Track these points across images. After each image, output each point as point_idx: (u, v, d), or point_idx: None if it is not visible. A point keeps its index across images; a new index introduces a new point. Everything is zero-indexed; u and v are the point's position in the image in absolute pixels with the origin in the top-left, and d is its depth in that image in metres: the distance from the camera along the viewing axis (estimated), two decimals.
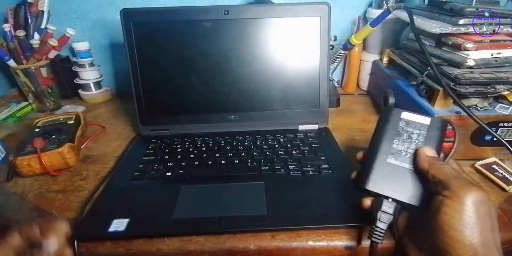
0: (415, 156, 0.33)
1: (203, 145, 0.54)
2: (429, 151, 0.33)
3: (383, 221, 0.32)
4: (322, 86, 0.57)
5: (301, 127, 0.59)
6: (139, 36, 0.54)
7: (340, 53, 0.68)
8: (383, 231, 0.32)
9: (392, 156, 0.34)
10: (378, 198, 0.33)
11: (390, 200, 0.33)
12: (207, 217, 0.38)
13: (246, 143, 0.54)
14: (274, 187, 0.43)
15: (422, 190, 0.32)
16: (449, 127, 0.36)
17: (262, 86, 0.57)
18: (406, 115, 0.36)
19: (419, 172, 0.33)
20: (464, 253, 0.26)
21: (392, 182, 0.33)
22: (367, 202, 0.34)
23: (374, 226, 0.32)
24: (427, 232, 0.29)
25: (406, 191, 0.32)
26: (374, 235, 0.32)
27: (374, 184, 0.33)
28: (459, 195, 0.27)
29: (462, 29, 0.47)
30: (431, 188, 0.31)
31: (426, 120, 0.35)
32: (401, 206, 0.33)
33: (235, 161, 0.50)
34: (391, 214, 0.32)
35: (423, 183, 0.32)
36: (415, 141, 0.34)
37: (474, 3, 0.49)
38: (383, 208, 0.32)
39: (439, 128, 0.35)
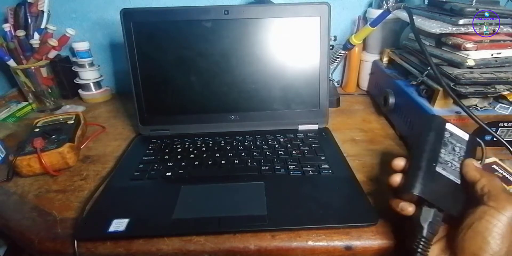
0: (462, 166, 0.34)
1: (203, 145, 0.54)
2: (476, 163, 0.35)
3: (431, 232, 0.31)
4: (322, 86, 0.57)
5: (301, 127, 0.59)
6: (139, 36, 0.54)
7: (340, 53, 0.68)
8: (430, 243, 0.31)
9: (440, 165, 0.34)
10: (426, 208, 0.32)
11: (436, 210, 0.32)
12: (207, 217, 0.38)
13: (246, 143, 0.54)
14: (274, 187, 0.43)
15: (461, 201, 0.33)
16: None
17: (262, 86, 0.57)
18: (450, 126, 0.37)
19: (466, 182, 0.33)
20: None
21: (439, 191, 0.32)
22: (410, 209, 0.33)
23: (420, 237, 0.31)
24: (458, 239, 0.30)
25: (449, 201, 0.32)
26: (420, 246, 0.31)
27: (424, 190, 0.32)
28: (505, 208, 0.29)
29: (462, 29, 0.47)
30: (476, 197, 0.32)
31: (465, 136, 0.37)
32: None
33: (235, 161, 0.49)
34: (439, 225, 0.32)
35: (464, 195, 0.33)
36: (457, 154, 0.35)
37: (474, 3, 0.49)
38: (432, 218, 0.31)
39: (473, 145, 0.37)
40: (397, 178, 0.35)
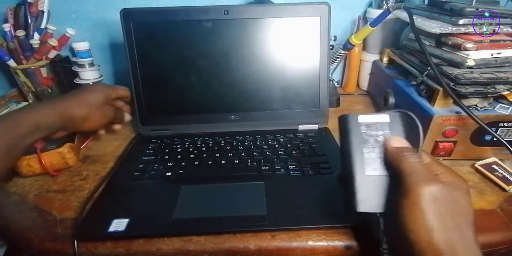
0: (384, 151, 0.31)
1: (203, 145, 0.54)
2: (394, 141, 0.31)
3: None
4: (322, 86, 0.57)
5: (301, 127, 0.59)
6: (139, 36, 0.54)
7: (340, 53, 0.68)
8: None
9: (369, 166, 0.31)
10: (375, 217, 0.31)
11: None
12: (207, 217, 0.38)
13: (246, 143, 0.54)
14: (274, 187, 0.43)
15: None
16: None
17: (262, 86, 0.57)
18: (363, 118, 0.33)
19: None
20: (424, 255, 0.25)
21: (380, 196, 0.30)
22: None
23: (382, 249, 0.30)
24: (395, 235, 0.28)
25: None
26: None
27: (365, 204, 0.30)
28: (410, 194, 0.26)
29: (462, 29, 0.47)
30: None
31: (385, 118, 0.33)
32: None
33: (235, 161, 0.49)
34: None
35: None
36: (383, 144, 0.32)
37: (474, 3, 0.49)
38: (382, 226, 0.30)
39: (400, 122, 0.33)
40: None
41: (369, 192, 0.31)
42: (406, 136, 0.32)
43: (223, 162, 0.50)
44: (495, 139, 0.42)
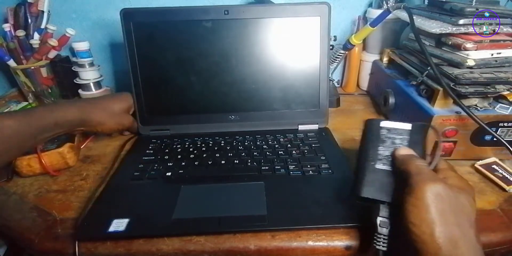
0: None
1: (203, 145, 0.54)
2: (403, 150, 0.34)
3: (383, 226, 0.32)
4: (322, 86, 0.57)
5: (301, 127, 0.59)
6: (139, 36, 0.54)
7: (340, 53, 0.68)
8: (386, 237, 0.32)
9: (380, 161, 0.35)
10: (376, 204, 0.34)
11: (386, 204, 0.33)
12: (207, 217, 0.38)
13: (246, 143, 0.54)
14: (274, 187, 0.43)
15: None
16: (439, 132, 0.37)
17: (262, 86, 0.57)
18: (385, 123, 0.37)
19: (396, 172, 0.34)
20: (425, 248, 0.27)
21: (384, 187, 0.34)
22: None
23: (376, 233, 0.32)
24: (399, 230, 0.30)
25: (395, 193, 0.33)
26: (377, 243, 0.32)
27: (368, 190, 0.34)
28: (416, 191, 0.28)
29: (462, 29, 0.47)
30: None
31: (407, 126, 0.37)
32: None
33: (235, 161, 0.49)
34: (390, 218, 0.32)
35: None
36: (399, 146, 0.36)
37: (474, 3, 0.49)
38: (381, 213, 0.33)
39: (421, 132, 0.37)
40: None
41: (375, 182, 0.34)
42: (422, 144, 0.36)
43: (223, 162, 0.50)
44: (495, 139, 0.43)
